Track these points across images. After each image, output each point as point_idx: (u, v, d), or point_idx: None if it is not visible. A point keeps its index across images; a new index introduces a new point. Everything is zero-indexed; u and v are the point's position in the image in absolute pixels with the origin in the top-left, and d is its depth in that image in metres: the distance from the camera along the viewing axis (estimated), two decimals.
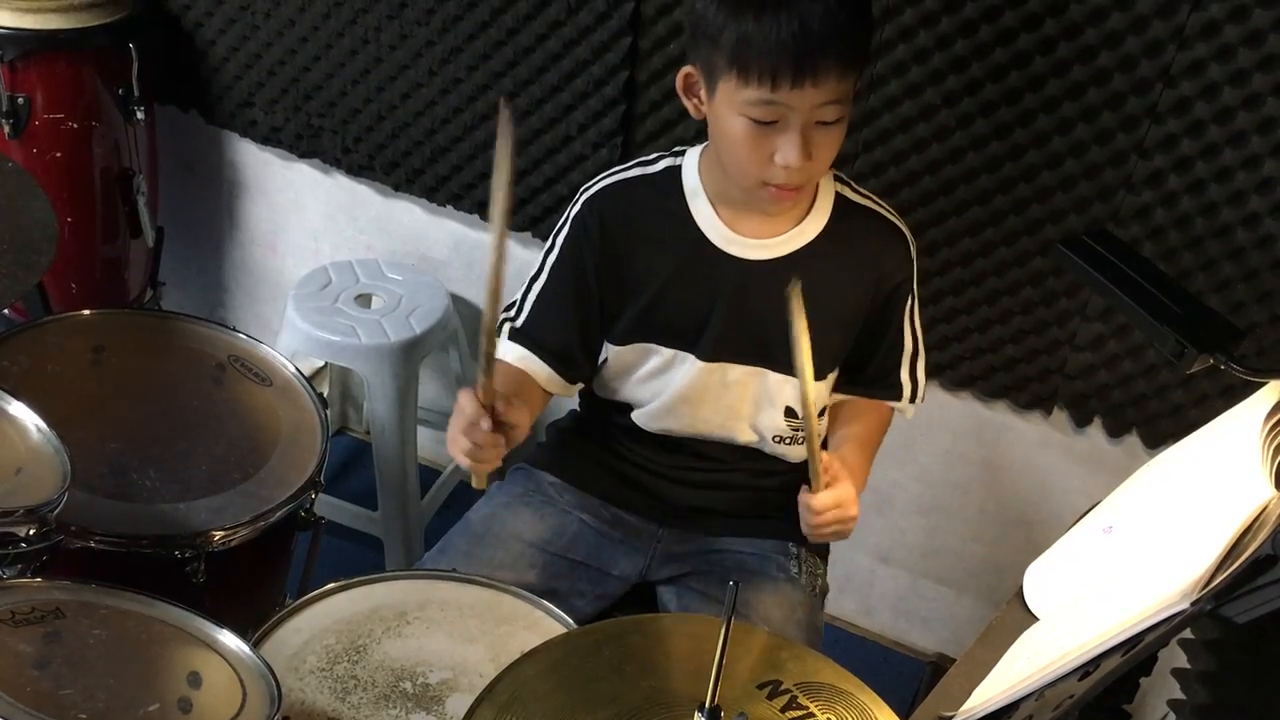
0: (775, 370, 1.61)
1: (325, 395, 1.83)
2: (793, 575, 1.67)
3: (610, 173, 1.62)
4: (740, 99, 1.41)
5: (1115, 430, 2.08)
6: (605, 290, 1.61)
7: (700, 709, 1.07)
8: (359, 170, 2.41)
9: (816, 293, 1.57)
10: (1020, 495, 2.24)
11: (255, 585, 1.73)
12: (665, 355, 1.62)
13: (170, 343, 1.83)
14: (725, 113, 1.44)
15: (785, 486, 1.61)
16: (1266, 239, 1.82)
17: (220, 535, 1.56)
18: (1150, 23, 1.74)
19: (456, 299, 2.44)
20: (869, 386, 1.69)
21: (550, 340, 1.62)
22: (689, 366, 1.61)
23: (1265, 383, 1.13)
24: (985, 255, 2.00)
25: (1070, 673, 0.96)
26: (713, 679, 1.05)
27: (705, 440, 1.66)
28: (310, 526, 1.72)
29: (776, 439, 1.66)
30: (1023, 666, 1.06)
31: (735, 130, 1.44)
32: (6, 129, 2.21)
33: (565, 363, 1.63)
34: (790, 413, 1.64)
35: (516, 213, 2.30)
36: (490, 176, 2.25)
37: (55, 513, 1.35)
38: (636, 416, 1.67)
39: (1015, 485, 2.23)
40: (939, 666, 2.41)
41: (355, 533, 2.43)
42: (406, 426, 2.31)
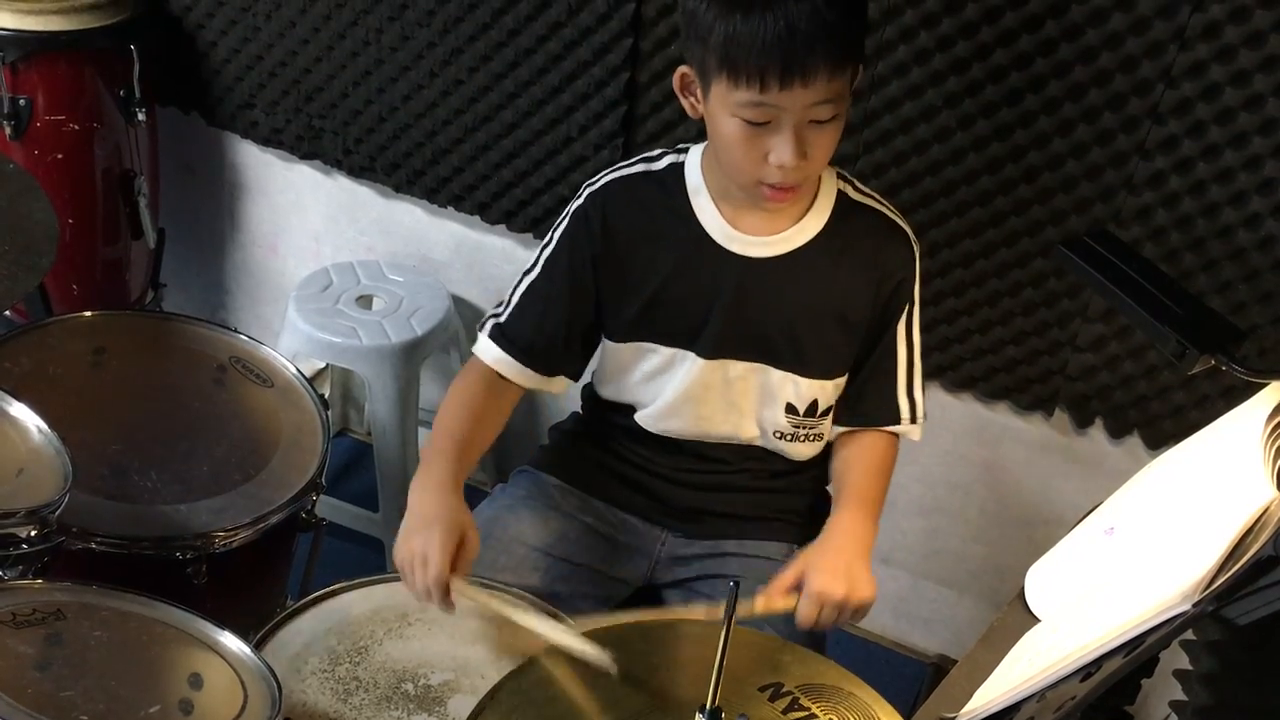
0: (776, 367, 1.60)
1: (326, 396, 1.83)
2: None
3: (614, 169, 1.62)
4: (732, 100, 1.41)
5: (1117, 431, 2.07)
6: (604, 284, 1.60)
7: (702, 711, 1.07)
8: (360, 172, 2.41)
9: (818, 290, 1.58)
10: (1021, 496, 2.23)
11: (256, 586, 1.73)
12: (665, 354, 1.61)
13: (171, 344, 1.83)
14: (719, 113, 1.44)
15: (789, 487, 1.61)
16: (1268, 240, 1.81)
17: (221, 536, 1.56)
18: (1151, 24, 1.74)
19: (458, 300, 2.44)
20: (860, 409, 1.64)
21: (528, 337, 1.61)
22: (690, 364, 1.61)
23: (1266, 384, 1.13)
24: (986, 256, 2.00)
25: (1072, 674, 0.96)
26: (714, 681, 1.05)
27: (708, 441, 1.66)
28: (311, 528, 1.72)
29: (778, 435, 1.66)
30: (1024, 668, 1.06)
31: (729, 131, 1.44)
32: (8, 130, 2.21)
33: (542, 359, 1.62)
34: (791, 409, 1.64)
35: (517, 214, 2.30)
36: (493, 176, 2.27)
37: (56, 514, 1.35)
38: (639, 417, 1.67)
39: (1016, 486, 2.23)
40: (940, 668, 2.41)
41: (356, 534, 2.43)
42: (408, 428, 2.31)
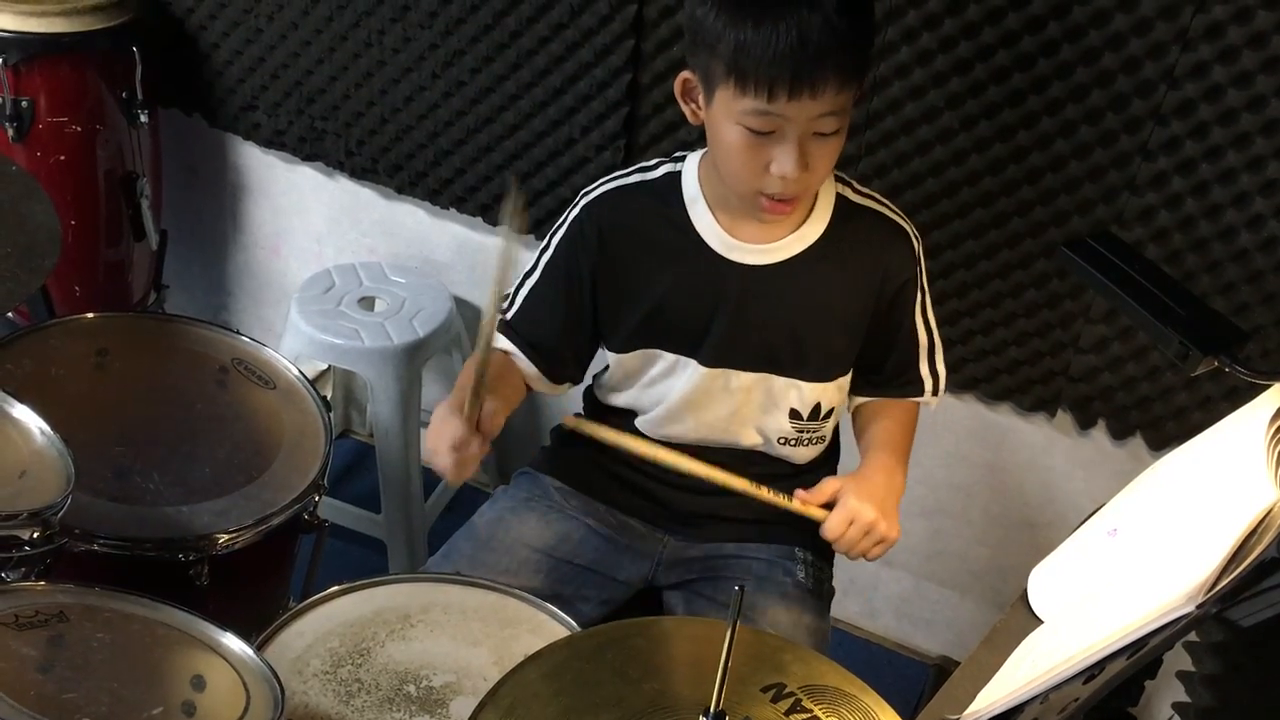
0: (780, 375, 1.60)
1: (328, 398, 1.83)
2: (799, 579, 1.66)
3: (610, 178, 1.62)
4: (737, 109, 1.40)
5: (1119, 432, 2.07)
6: (602, 295, 1.61)
7: (705, 713, 1.07)
8: (362, 173, 2.41)
9: (819, 296, 1.59)
10: (1024, 498, 2.23)
11: (259, 588, 1.73)
12: (668, 360, 1.62)
13: (174, 346, 1.83)
14: (722, 121, 1.44)
15: (791, 489, 1.61)
16: (1271, 241, 1.81)
17: (224, 538, 1.56)
18: (1154, 25, 1.74)
19: (460, 301, 2.44)
20: (889, 386, 1.68)
21: (537, 338, 1.62)
22: (691, 372, 1.61)
23: (1270, 385, 1.13)
24: (989, 258, 2.00)
25: (1075, 675, 0.96)
26: (718, 682, 1.05)
27: (709, 445, 1.66)
28: (314, 529, 1.72)
29: (782, 441, 1.66)
30: (1027, 669, 1.06)
31: (732, 139, 1.43)
32: (10, 132, 2.21)
33: (551, 362, 1.64)
34: (795, 414, 1.64)
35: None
36: (495, 178, 2.28)
37: (59, 516, 1.35)
38: (640, 423, 1.67)
39: (1019, 488, 2.23)
40: (943, 669, 2.41)
41: (359, 535, 2.43)
42: (410, 429, 2.31)
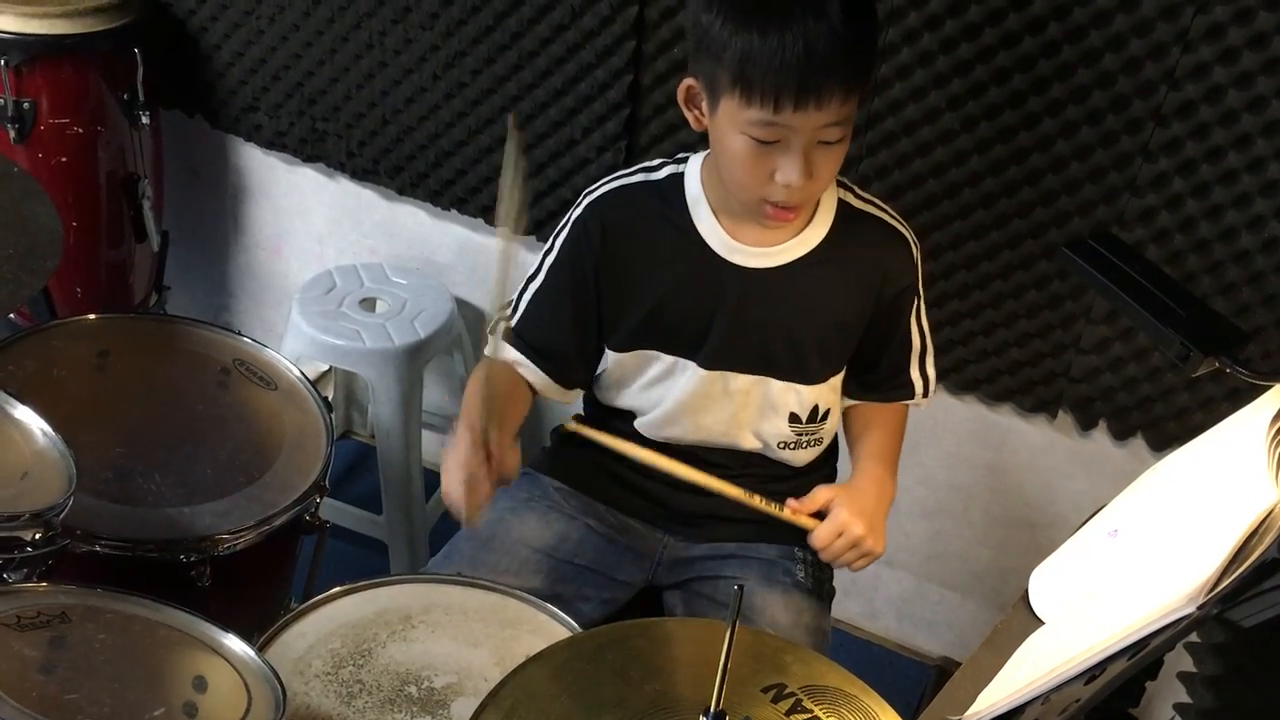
0: (779, 378, 1.61)
1: (330, 399, 1.83)
2: (799, 579, 1.67)
3: (613, 177, 1.62)
4: (742, 118, 1.40)
5: (1120, 433, 2.07)
6: (605, 294, 1.60)
7: (705, 713, 1.07)
8: (363, 174, 2.41)
9: (819, 300, 1.59)
10: (1025, 498, 2.23)
11: (260, 589, 1.73)
12: (666, 362, 1.62)
13: (175, 347, 1.83)
14: (726, 129, 1.43)
15: (791, 491, 1.61)
16: (1272, 242, 1.81)
17: (225, 539, 1.56)
18: (1155, 25, 1.74)
19: (461, 303, 2.44)
20: (881, 389, 1.69)
21: (544, 343, 1.62)
22: (690, 374, 1.61)
23: (1271, 386, 1.13)
24: (990, 258, 2.00)
25: (1076, 676, 0.96)
26: (718, 683, 1.05)
27: (708, 447, 1.66)
28: (315, 530, 1.72)
29: (781, 445, 1.66)
30: (1028, 670, 1.06)
31: (736, 147, 1.43)
32: (12, 134, 2.22)
33: (560, 367, 1.63)
34: (795, 419, 1.64)
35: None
36: (496, 180, 2.28)
37: (61, 517, 1.35)
38: (640, 424, 1.67)
39: (1020, 488, 2.23)
40: (944, 670, 2.41)
41: (360, 536, 2.43)
42: (411, 430, 2.31)
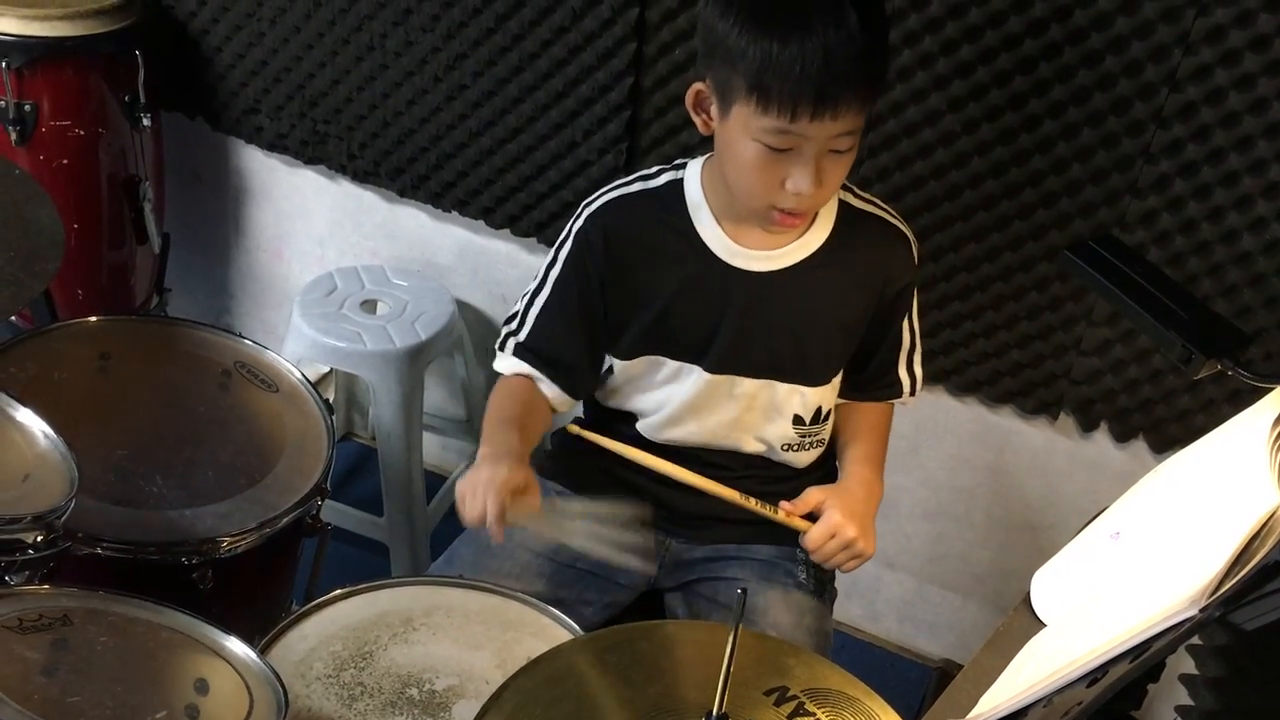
0: (783, 380, 1.61)
1: (331, 401, 1.83)
2: (801, 581, 1.66)
3: (611, 187, 1.61)
4: (756, 125, 1.39)
5: (1122, 435, 2.07)
6: (610, 304, 1.60)
7: (707, 716, 1.07)
8: (364, 176, 2.41)
9: (823, 302, 1.59)
10: (1026, 500, 2.23)
11: (262, 591, 1.73)
12: (672, 367, 1.62)
13: (176, 349, 1.83)
14: (738, 136, 1.43)
15: (792, 492, 1.61)
16: (1273, 243, 1.81)
17: (227, 542, 1.56)
18: (1156, 27, 1.74)
19: (462, 305, 2.44)
20: (869, 388, 1.69)
21: (555, 356, 1.62)
22: (695, 378, 1.61)
23: (1272, 388, 1.13)
24: (991, 260, 2.00)
25: (1078, 679, 0.96)
26: (720, 686, 1.05)
27: (711, 449, 1.66)
28: (316, 532, 1.72)
29: (784, 447, 1.66)
30: (1030, 673, 1.06)
31: (747, 154, 1.43)
32: (13, 136, 2.22)
33: (570, 379, 1.63)
34: (798, 420, 1.64)
35: (521, 219, 2.31)
36: (497, 182, 2.28)
37: (62, 519, 1.35)
38: (641, 427, 1.67)
39: (1021, 490, 2.23)
40: (945, 672, 2.41)
41: (361, 539, 2.43)
42: (412, 432, 2.31)
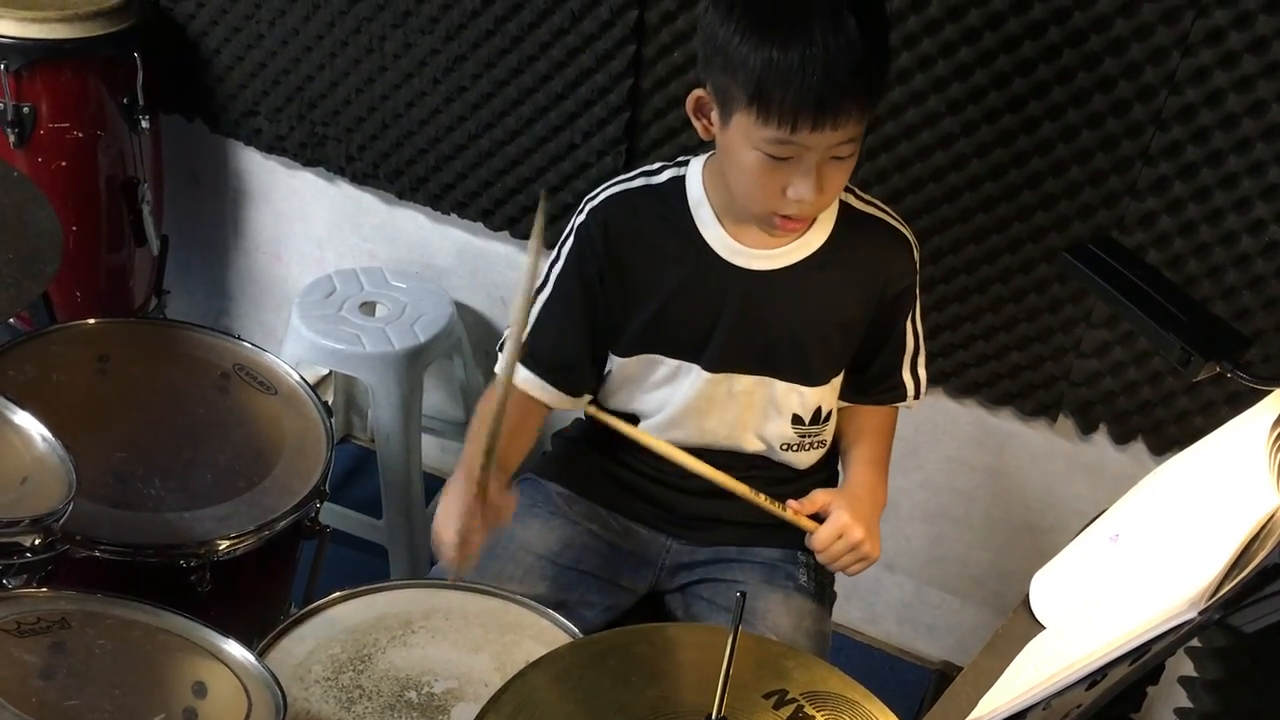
0: (782, 379, 1.61)
1: (330, 403, 1.83)
2: (801, 584, 1.67)
3: (614, 182, 1.61)
4: (757, 135, 1.39)
5: (1121, 437, 2.07)
6: (610, 299, 1.60)
7: (706, 719, 1.07)
8: (363, 178, 2.41)
9: (822, 302, 1.59)
10: (1026, 502, 2.23)
11: (260, 594, 1.73)
12: (670, 366, 1.62)
13: (175, 351, 1.83)
14: (739, 144, 1.43)
15: (794, 493, 1.61)
16: (1272, 245, 1.81)
17: (225, 544, 1.56)
18: (1155, 29, 1.74)
19: (461, 307, 2.44)
20: (872, 391, 1.69)
21: (554, 357, 1.62)
22: (694, 377, 1.61)
23: (1271, 390, 1.13)
24: (990, 262, 2.00)
25: (1077, 682, 0.96)
26: (720, 689, 1.05)
27: (712, 450, 1.66)
28: (315, 535, 1.72)
29: (784, 446, 1.66)
30: (1029, 675, 1.06)
31: (748, 162, 1.43)
32: (12, 138, 2.21)
33: (569, 378, 1.63)
34: (797, 420, 1.64)
35: (520, 220, 2.31)
36: (496, 184, 2.28)
37: (60, 522, 1.35)
38: (642, 428, 1.67)
39: (1020, 492, 2.23)
40: (945, 675, 2.41)
41: (360, 541, 2.43)
42: (411, 434, 2.31)
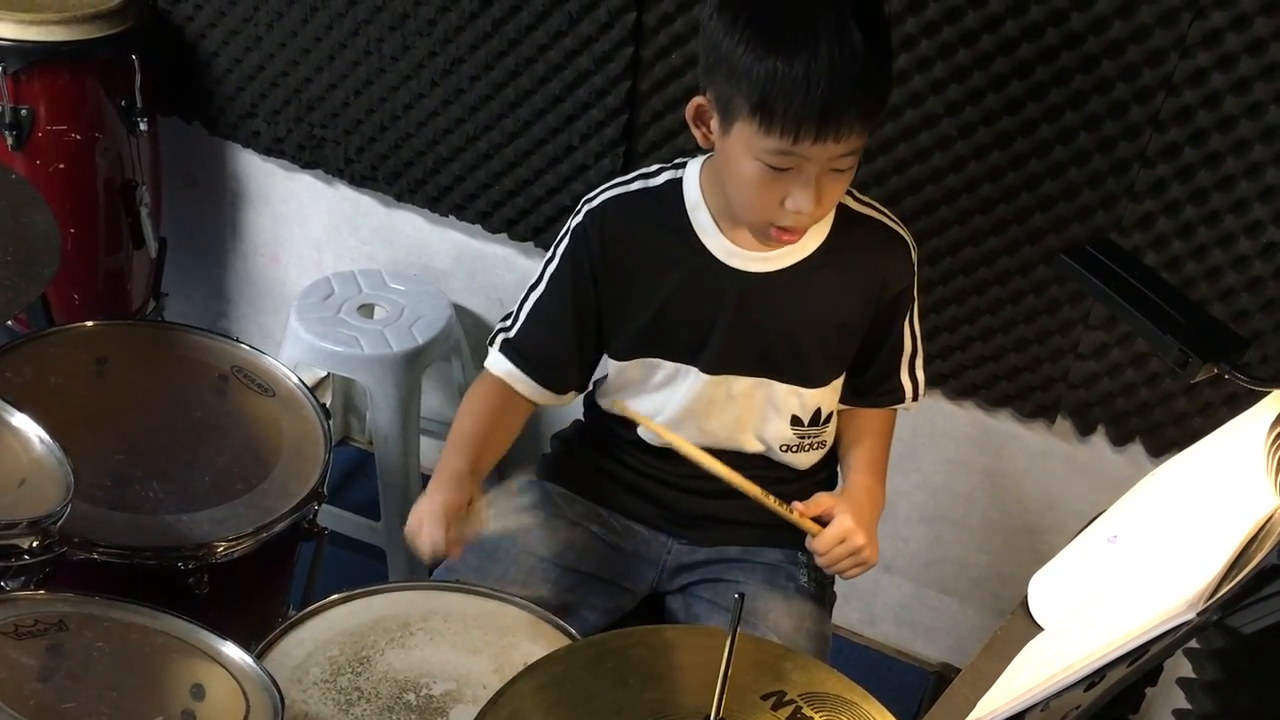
0: (780, 381, 1.61)
1: (328, 406, 1.82)
2: (802, 585, 1.67)
3: (611, 184, 1.61)
4: (758, 145, 1.39)
5: (1119, 439, 2.07)
6: (605, 301, 1.60)
7: None
8: (361, 181, 2.41)
9: (819, 303, 1.59)
10: (1024, 504, 2.23)
11: (258, 596, 1.73)
12: (669, 369, 1.62)
13: (173, 354, 1.83)
14: (739, 153, 1.42)
15: (795, 494, 1.61)
16: (1270, 247, 1.81)
17: (223, 546, 1.56)
18: (1152, 31, 1.74)
19: (459, 309, 2.44)
20: (871, 393, 1.69)
21: (540, 354, 1.62)
22: (693, 380, 1.61)
23: (1269, 391, 1.13)
24: (988, 264, 2.00)
25: (1076, 683, 0.96)
26: (718, 691, 1.05)
27: (712, 451, 1.65)
28: (313, 537, 1.72)
29: (784, 448, 1.66)
30: (1028, 677, 1.06)
31: (747, 172, 1.42)
32: (10, 140, 2.21)
33: (554, 375, 1.63)
34: (796, 421, 1.64)
35: (519, 222, 2.31)
36: (494, 185, 2.28)
37: (58, 524, 1.35)
38: (642, 431, 1.67)
39: (1019, 494, 2.23)
40: (943, 676, 2.41)
41: (358, 543, 2.43)
42: (409, 437, 2.31)
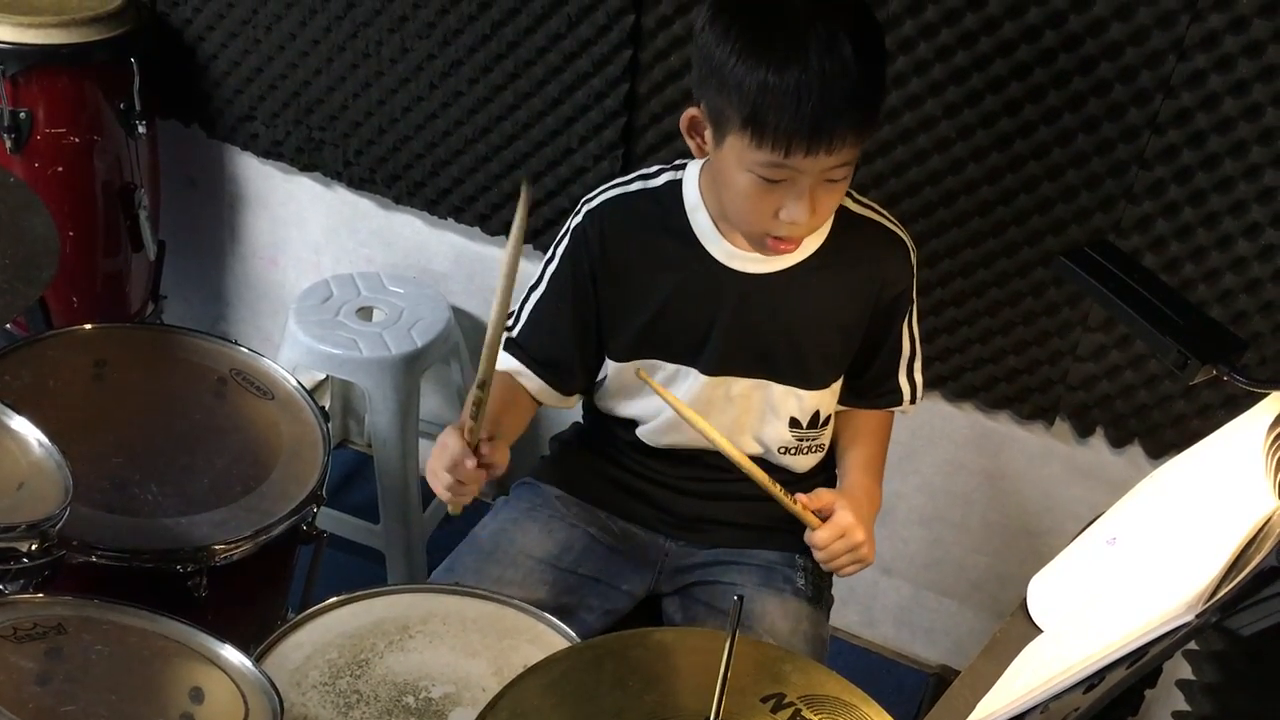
0: (778, 382, 1.61)
1: (327, 408, 1.83)
2: (799, 587, 1.67)
3: (611, 185, 1.62)
4: (750, 158, 1.39)
5: (1118, 441, 2.07)
6: (604, 301, 1.60)
7: None
8: (360, 183, 2.41)
9: (819, 304, 1.59)
10: (1023, 506, 2.23)
11: (257, 599, 1.72)
12: (668, 370, 1.62)
13: (172, 356, 1.83)
14: (732, 165, 1.42)
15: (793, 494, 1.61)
16: (1268, 249, 1.82)
17: (222, 549, 1.56)
18: (1150, 34, 1.75)
19: (458, 311, 2.44)
20: (869, 395, 1.69)
21: (544, 353, 1.62)
22: (692, 381, 1.61)
23: (1268, 393, 1.13)
24: (987, 266, 2.00)
25: (1075, 685, 0.96)
26: (717, 693, 1.05)
27: (711, 452, 1.66)
28: (312, 540, 1.72)
29: (782, 450, 1.66)
30: (1027, 679, 1.06)
31: (741, 184, 1.42)
32: (8, 143, 2.21)
33: (559, 375, 1.64)
34: (795, 423, 1.64)
35: None
36: (493, 188, 2.28)
37: (57, 528, 1.35)
38: (641, 432, 1.67)
39: (1018, 496, 2.23)
40: (942, 678, 2.41)
41: (357, 546, 2.43)
42: (408, 439, 2.31)
